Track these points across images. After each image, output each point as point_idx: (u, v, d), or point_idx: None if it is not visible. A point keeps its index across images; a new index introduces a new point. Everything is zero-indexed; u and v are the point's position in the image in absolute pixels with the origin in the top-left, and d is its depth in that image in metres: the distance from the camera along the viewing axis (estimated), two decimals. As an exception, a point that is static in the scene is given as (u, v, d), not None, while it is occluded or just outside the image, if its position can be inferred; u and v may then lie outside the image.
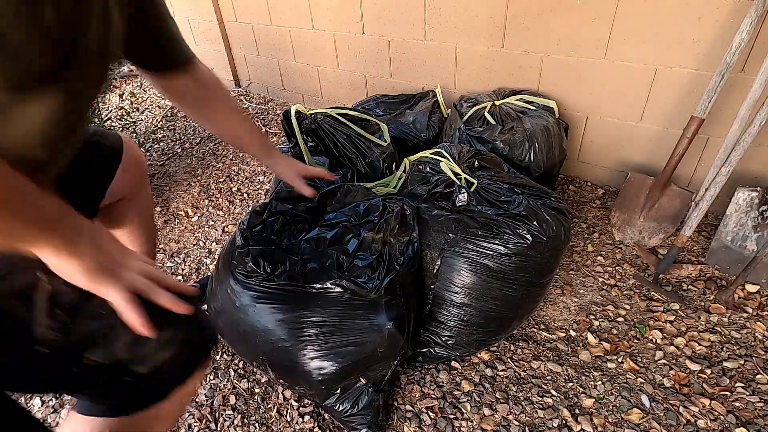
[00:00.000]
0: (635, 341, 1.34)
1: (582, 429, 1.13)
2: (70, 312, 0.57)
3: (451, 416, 1.19)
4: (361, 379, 1.10)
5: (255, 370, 1.36)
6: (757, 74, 1.35)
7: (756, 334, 1.31)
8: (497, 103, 1.78)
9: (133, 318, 0.57)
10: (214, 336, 0.75)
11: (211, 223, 2.04)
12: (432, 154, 1.40)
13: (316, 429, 1.18)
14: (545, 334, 1.38)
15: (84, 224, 0.56)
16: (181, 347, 0.65)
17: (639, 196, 1.69)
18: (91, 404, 0.64)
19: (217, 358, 1.40)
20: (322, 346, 1.02)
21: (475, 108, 1.76)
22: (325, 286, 1.00)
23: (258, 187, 2.27)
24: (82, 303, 0.57)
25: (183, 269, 1.79)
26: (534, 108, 1.77)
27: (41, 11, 0.44)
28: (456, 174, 1.29)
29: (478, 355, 1.33)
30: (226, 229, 1.99)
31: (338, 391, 1.10)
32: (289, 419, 1.22)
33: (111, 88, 3.51)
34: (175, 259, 1.85)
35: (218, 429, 1.22)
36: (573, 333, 1.38)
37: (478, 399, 1.22)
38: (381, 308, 1.02)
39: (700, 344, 1.30)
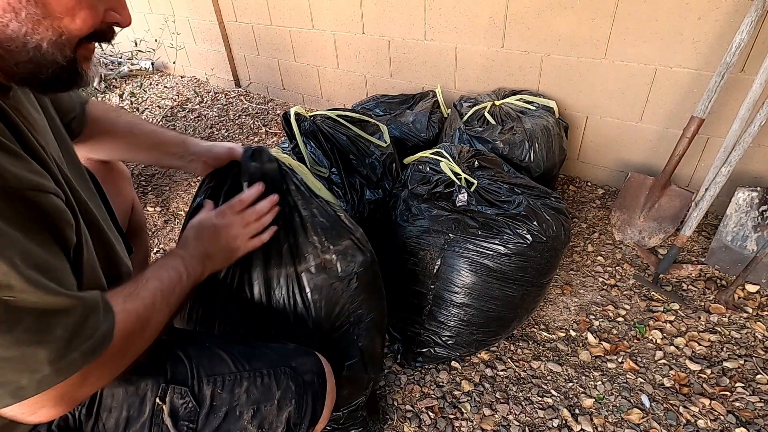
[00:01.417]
0: (635, 341, 1.34)
1: (582, 429, 1.13)
2: (191, 419, 0.69)
3: (451, 416, 1.19)
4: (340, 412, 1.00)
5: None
6: (757, 74, 1.35)
7: (756, 334, 1.31)
8: (497, 103, 1.78)
9: (268, 219, 0.82)
10: (320, 372, 0.79)
11: (211, 223, 2.04)
12: (432, 154, 1.39)
13: (316, 429, 1.18)
14: (545, 334, 1.38)
15: (182, 258, 0.72)
16: (298, 396, 0.73)
17: (639, 196, 1.69)
18: None
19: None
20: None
21: (475, 108, 1.76)
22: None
23: (258, 187, 2.27)
24: (197, 407, 0.69)
25: (183, 269, 1.79)
26: (534, 108, 1.77)
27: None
28: (456, 174, 1.29)
29: (478, 355, 1.33)
30: (226, 229, 1.99)
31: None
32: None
33: (111, 87, 3.52)
34: (175, 259, 1.85)
35: None
36: (573, 333, 1.38)
37: (478, 399, 1.22)
38: (331, 351, 0.86)
39: (700, 344, 1.30)
